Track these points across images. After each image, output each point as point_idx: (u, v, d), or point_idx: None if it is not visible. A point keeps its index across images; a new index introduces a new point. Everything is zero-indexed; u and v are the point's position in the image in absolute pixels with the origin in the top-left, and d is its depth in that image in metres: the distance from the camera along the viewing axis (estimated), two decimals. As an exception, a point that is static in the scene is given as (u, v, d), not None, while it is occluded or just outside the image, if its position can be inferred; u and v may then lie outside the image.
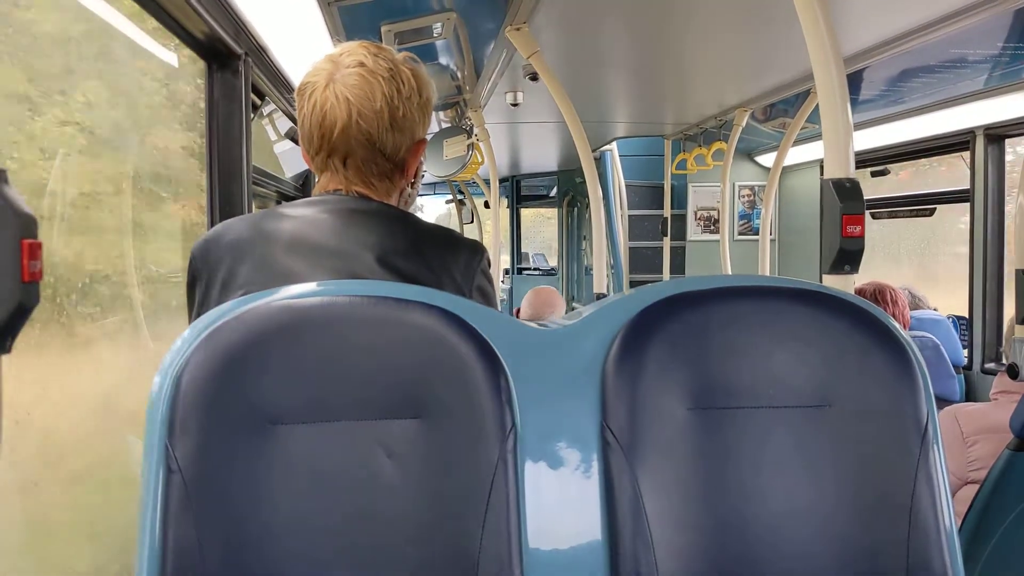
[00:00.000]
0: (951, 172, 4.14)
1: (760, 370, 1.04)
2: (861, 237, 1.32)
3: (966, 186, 3.59)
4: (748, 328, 1.06)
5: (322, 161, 1.26)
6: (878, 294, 3.21)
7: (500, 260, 5.25)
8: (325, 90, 1.22)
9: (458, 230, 5.98)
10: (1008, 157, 3.48)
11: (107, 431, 1.86)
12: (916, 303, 3.80)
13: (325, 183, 1.28)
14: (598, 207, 3.18)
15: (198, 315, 1.13)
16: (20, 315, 0.71)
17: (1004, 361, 2.40)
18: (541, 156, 6.98)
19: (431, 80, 1.32)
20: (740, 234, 5.67)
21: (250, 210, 2.14)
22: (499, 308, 1.33)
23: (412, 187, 1.36)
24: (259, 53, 2.28)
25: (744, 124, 4.18)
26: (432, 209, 10.87)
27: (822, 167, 3.29)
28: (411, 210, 1.36)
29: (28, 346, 1.47)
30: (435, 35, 2.77)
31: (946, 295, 4.16)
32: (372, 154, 1.25)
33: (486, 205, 8.14)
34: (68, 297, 1.65)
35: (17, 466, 1.44)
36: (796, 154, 4.88)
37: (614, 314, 1.06)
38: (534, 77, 3.15)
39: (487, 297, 1.29)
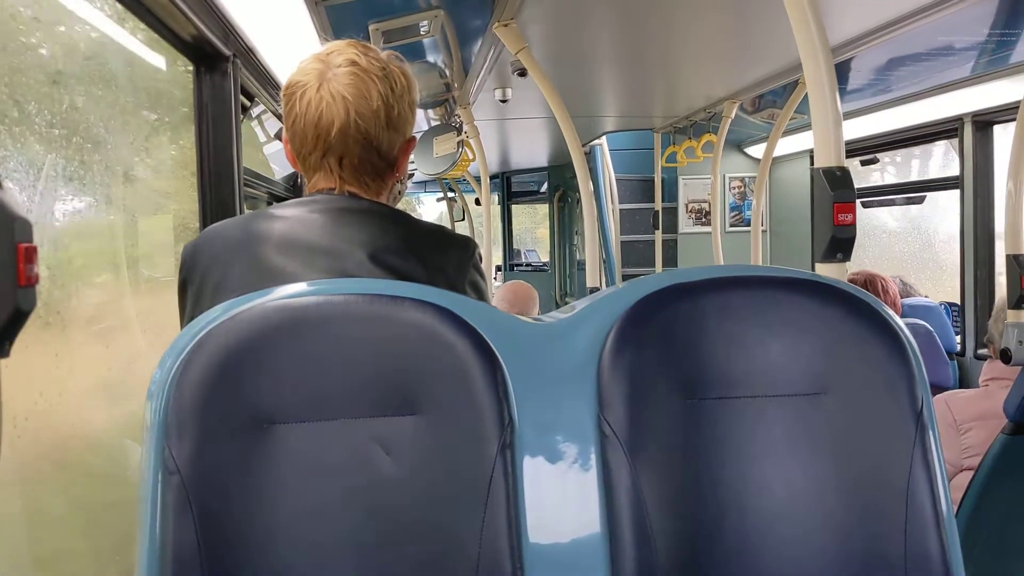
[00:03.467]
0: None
1: (755, 359, 1.05)
2: (853, 225, 1.32)
3: (956, 173, 3.60)
4: (742, 318, 1.06)
5: (316, 161, 1.25)
6: (869, 284, 3.22)
7: (492, 257, 5.23)
8: (319, 89, 1.21)
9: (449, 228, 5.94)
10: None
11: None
12: (907, 291, 3.82)
13: (316, 183, 1.28)
14: (590, 201, 3.17)
15: (191, 318, 1.12)
16: (17, 319, 0.71)
17: (988, 348, 2.40)
18: (531, 152, 6.97)
19: (416, 79, 1.32)
20: (731, 225, 5.67)
21: (242, 212, 2.14)
22: (491, 303, 1.34)
23: (401, 184, 1.36)
24: (247, 54, 2.27)
25: (733, 116, 4.17)
26: (434, 208, 10.71)
27: (811, 157, 3.29)
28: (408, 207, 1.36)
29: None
30: (422, 33, 2.76)
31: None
32: (368, 153, 1.24)
33: (477, 203, 8.13)
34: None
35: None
36: (785, 145, 4.89)
37: (609, 306, 1.06)
38: (522, 73, 3.14)
39: (480, 292, 1.29)
